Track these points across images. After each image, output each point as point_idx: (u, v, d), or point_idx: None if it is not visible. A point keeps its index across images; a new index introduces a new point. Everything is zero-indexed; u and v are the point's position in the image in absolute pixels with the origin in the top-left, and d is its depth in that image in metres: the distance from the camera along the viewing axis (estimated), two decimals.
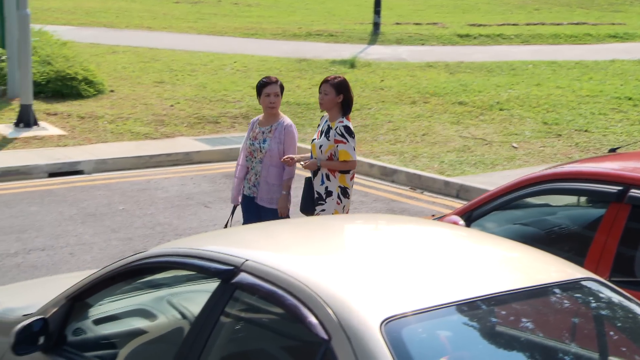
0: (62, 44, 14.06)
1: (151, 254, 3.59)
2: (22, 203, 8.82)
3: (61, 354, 3.60)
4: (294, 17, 22.77)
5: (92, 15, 20.66)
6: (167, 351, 3.41)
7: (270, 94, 6.42)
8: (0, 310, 4.06)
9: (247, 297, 3.19)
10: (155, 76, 14.51)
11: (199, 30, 19.74)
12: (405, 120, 12.64)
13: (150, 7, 22.99)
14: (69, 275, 5.32)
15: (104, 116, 12.04)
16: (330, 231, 3.97)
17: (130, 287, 3.88)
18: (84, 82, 12.90)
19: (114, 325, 3.86)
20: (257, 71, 15.19)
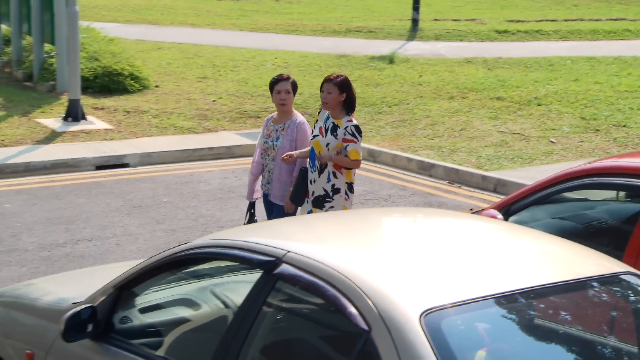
0: (109, 41, 14.19)
1: (195, 245, 3.61)
2: (71, 195, 8.94)
3: (109, 341, 3.65)
4: (334, 14, 22.74)
5: (138, 13, 20.83)
6: (211, 339, 3.44)
7: (281, 91, 6.32)
8: (51, 298, 4.12)
9: (289, 287, 3.20)
10: (199, 72, 14.59)
11: (241, 27, 19.81)
12: (443, 115, 12.57)
13: (194, 5, 23.12)
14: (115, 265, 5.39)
15: (149, 111, 12.14)
16: (370, 224, 3.97)
17: (175, 277, 3.91)
18: (130, 77, 13.02)
19: (159, 314, 3.89)
20: (297, 67, 15.20)
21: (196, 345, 3.62)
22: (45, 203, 8.63)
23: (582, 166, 5.07)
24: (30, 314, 4.10)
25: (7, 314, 4.26)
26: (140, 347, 3.59)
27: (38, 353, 3.90)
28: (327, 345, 3.22)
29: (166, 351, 3.58)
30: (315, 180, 6.17)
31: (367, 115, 12.61)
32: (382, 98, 13.39)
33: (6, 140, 10.42)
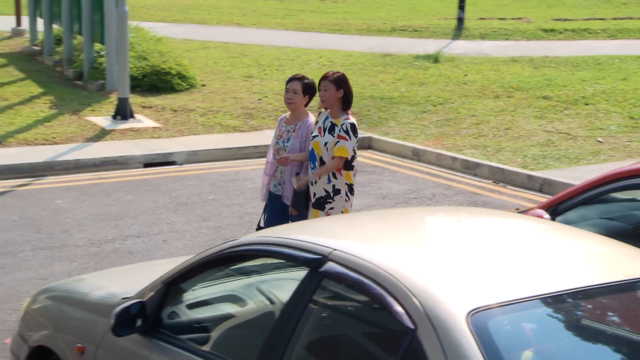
0: (157, 40, 14.33)
1: (242, 242, 3.64)
2: (119, 192, 9.06)
3: (157, 336, 3.69)
4: (379, 13, 22.68)
5: (186, 12, 21.02)
6: (257, 335, 3.46)
7: (289, 90, 6.22)
8: (101, 293, 4.18)
9: (334, 285, 3.21)
10: (245, 71, 14.67)
11: (287, 26, 19.86)
12: (488, 115, 12.46)
13: (240, 4, 23.25)
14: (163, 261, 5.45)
15: (195, 109, 12.24)
16: (414, 222, 3.96)
17: (222, 273, 3.94)
18: (177, 76, 13.14)
19: (206, 309, 3.93)
20: (342, 66, 15.19)
21: (242, 341, 3.64)
22: (94, 200, 8.76)
23: (630, 166, 4.99)
24: (81, 309, 4.17)
25: (58, 308, 4.33)
26: (187, 342, 3.63)
27: (88, 347, 3.96)
28: (372, 344, 3.22)
29: (213, 346, 3.61)
30: (316, 182, 6.07)
31: (412, 114, 12.56)
32: (426, 97, 13.32)
33: (57, 138, 10.60)
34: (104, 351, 3.87)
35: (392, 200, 9.12)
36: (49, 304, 4.42)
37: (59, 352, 4.14)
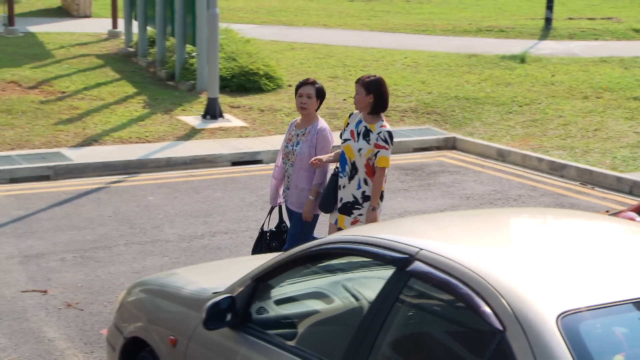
0: (246, 41, 14.51)
1: (329, 241, 3.66)
2: (208, 189, 9.22)
3: (246, 330, 3.74)
4: (465, 14, 22.42)
5: (273, 14, 21.22)
6: (343, 332, 3.47)
7: (303, 95, 6.06)
8: (193, 288, 4.26)
9: (421, 285, 3.19)
10: (330, 71, 14.73)
11: (372, 27, 19.84)
12: (576, 115, 12.17)
13: (326, 6, 23.33)
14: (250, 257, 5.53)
15: (281, 109, 12.35)
16: (501, 223, 3.90)
17: (309, 270, 3.97)
18: (264, 77, 13.28)
19: (294, 306, 3.96)
20: (427, 66, 15.09)
21: (329, 337, 3.66)
22: (184, 196, 8.94)
23: None
24: (174, 302, 4.26)
25: (152, 301, 4.44)
26: (275, 337, 3.67)
27: (181, 339, 4.04)
28: (458, 344, 3.19)
29: (300, 342, 3.64)
30: (345, 186, 5.89)
31: (497, 114, 12.38)
32: (512, 97, 13.10)
33: (150, 137, 10.86)
34: (195, 344, 3.95)
35: (477, 201, 9.01)
36: (143, 296, 4.53)
37: (152, 344, 4.24)
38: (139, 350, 4.39)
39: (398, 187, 9.50)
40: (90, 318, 6.04)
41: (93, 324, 5.96)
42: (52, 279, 6.69)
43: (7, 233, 7.66)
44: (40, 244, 7.42)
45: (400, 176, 9.93)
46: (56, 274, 6.78)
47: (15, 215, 8.12)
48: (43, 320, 6.00)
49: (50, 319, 6.02)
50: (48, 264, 6.97)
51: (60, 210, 8.33)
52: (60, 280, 6.66)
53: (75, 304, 6.24)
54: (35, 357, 5.51)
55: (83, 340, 5.73)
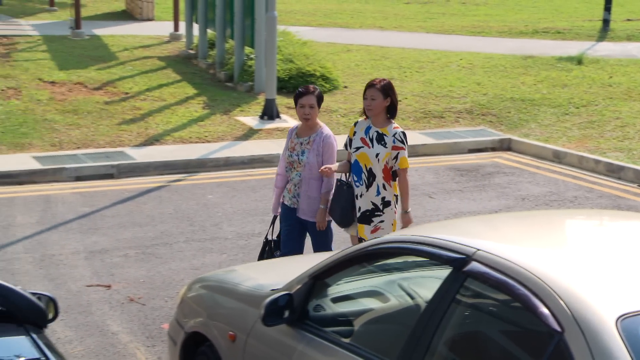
0: (303, 44, 14.56)
1: (386, 240, 3.66)
2: (265, 188, 9.27)
3: (303, 327, 3.76)
4: (521, 15, 22.13)
5: (330, 17, 21.25)
6: (399, 331, 3.46)
7: (305, 105, 5.81)
8: (251, 284, 4.29)
9: (478, 285, 3.17)
10: (385, 73, 14.68)
11: (427, 29, 19.72)
12: (634, 117, 11.91)
13: (382, 8, 23.27)
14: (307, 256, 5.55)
15: (337, 110, 12.37)
16: (558, 225, 3.85)
17: (365, 269, 3.97)
18: (321, 78, 13.31)
19: (350, 304, 3.96)
20: (482, 68, 14.94)
21: (385, 336, 3.65)
22: (242, 195, 9.01)
23: None
24: (233, 298, 4.30)
25: (211, 297, 4.49)
26: (332, 334, 3.68)
27: (239, 335, 4.08)
28: (514, 345, 3.15)
29: (356, 339, 3.64)
30: (363, 195, 5.71)
31: (553, 116, 12.19)
32: (569, 99, 12.88)
33: (209, 137, 10.98)
34: (254, 339, 3.98)
35: (532, 202, 8.89)
36: (203, 292, 4.59)
37: (212, 339, 4.28)
38: (199, 345, 4.44)
39: (453, 187, 9.43)
40: (151, 312, 6.14)
41: (154, 319, 6.05)
42: (116, 274, 6.81)
43: (74, 229, 7.83)
44: (104, 240, 7.56)
45: (455, 177, 9.85)
46: (119, 270, 6.90)
47: (81, 212, 8.30)
48: (107, 314, 6.11)
49: (113, 313, 6.14)
50: (112, 260, 7.10)
51: (123, 207, 8.48)
52: (123, 276, 6.78)
53: (138, 299, 6.35)
54: (100, 350, 5.61)
55: (145, 334, 5.82)
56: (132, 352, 5.61)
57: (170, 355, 4.79)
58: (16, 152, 9.92)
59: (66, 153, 9.97)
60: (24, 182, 9.15)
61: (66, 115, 11.37)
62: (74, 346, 5.64)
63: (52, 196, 8.79)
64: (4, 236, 7.56)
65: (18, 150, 9.98)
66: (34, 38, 16.21)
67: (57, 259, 7.09)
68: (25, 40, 15.98)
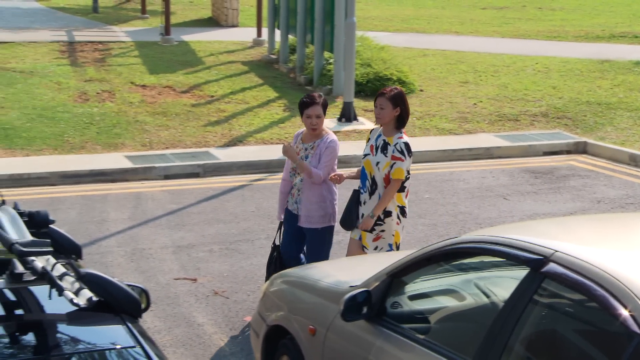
0: (380, 48, 14.53)
1: (463, 240, 3.62)
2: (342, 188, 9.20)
3: (381, 323, 3.76)
4: (598, 20, 21.56)
5: (407, 22, 21.14)
6: (475, 329, 3.43)
7: (312, 116, 5.60)
8: (331, 280, 4.31)
9: (555, 286, 3.11)
10: (461, 77, 14.53)
11: (503, 34, 19.41)
12: None
13: (458, 14, 23.02)
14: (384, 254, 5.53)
15: (413, 113, 12.29)
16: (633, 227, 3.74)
17: (442, 268, 3.94)
18: (397, 82, 13.24)
19: (427, 301, 3.95)
20: (558, 72, 14.62)
21: (461, 334, 3.62)
22: None
23: None
24: (313, 293, 4.33)
25: (292, 292, 4.53)
26: (409, 330, 3.67)
27: (319, 329, 4.10)
28: (591, 346, 3.08)
29: (433, 336, 3.61)
30: (366, 202, 5.57)
31: (630, 120, 11.83)
32: None
33: (289, 138, 11.05)
34: (333, 334, 4.00)
35: (608, 205, 8.65)
36: (285, 287, 4.63)
37: (293, 332, 4.32)
38: (280, 338, 4.48)
39: (527, 189, 9.26)
40: (235, 306, 6.23)
41: (237, 311, 6.14)
42: (201, 268, 6.94)
43: (162, 225, 8.01)
44: (190, 235, 7.71)
45: (530, 179, 9.67)
46: (204, 264, 7.03)
47: (169, 209, 8.48)
48: (193, 306, 6.23)
49: (199, 305, 6.25)
50: (197, 255, 7.24)
51: (208, 205, 8.62)
52: (208, 270, 6.90)
53: (222, 292, 6.45)
54: (186, 340, 5.73)
55: (229, 326, 5.91)
56: (216, 343, 5.70)
57: (253, 346, 4.85)
58: (110, 151, 10.20)
59: (156, 153, 10.20)
60: (116, 180, 9.41)
61: (156, 117, 11.63)
62: (162, 336, 5.77)
63: (143, 193, 9.01)
64: (99, 230, 7.79)
65: (112, 149, 10.27)
66: (127, 44, 16.65)
67: (147, 253, 7.27)
68: (119, 46, 16.43)
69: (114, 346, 2.62)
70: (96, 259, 7.03)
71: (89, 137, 10.60)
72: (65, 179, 9.27)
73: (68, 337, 2.67)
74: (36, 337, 2.67)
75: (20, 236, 2.80)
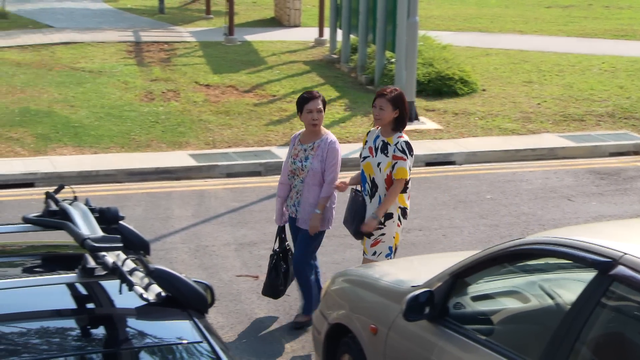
0: (443, 48, 14.41)
1: (528, 242, 3.57)
2: None
3: (443, 324, 3.73)
4: None
5: (469, 21, 20.90)
6: (540, 332, 3.38)
7: (313, 110, 5.49)
8: (392, 280, 4.30)
9: (624, 289, 3.04)
10: (524, 76, 14.30)
11: (568, 33, 19.03)
12: None
13: (522, 12, 22.65)
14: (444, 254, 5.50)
15: (475, 113, 12.17)
16: None
17: (505, 269, 3.89)
18: (459, 81, 13.13)
19: (490, 302, 3.90)
20: (626, 71, 14.26)
21: (525, 335, 3.57)
22: None
23: None
24: (374, 293, 4.32)
25: (354, 291, 4.53)
26: (472, 331, 3.63)
27: (381, 328, 4.09)
28: None
29: (496, 338, 3.57)
30: (367, 206, 5.43)
31: None
32: None
33: (350, 137, 11.07)
34: (395, 333, 3.99)
35: None
36: (346, 286, 4.63)
37: (354, 331, 4.32)
38: (342, 336, 4.49)
39: (593, 191, 9.07)
40: (296, 303, 6.25)
41: (298, 309, 6.16)
42: (263, 266, 6.98)
43: (225, 222, 8.11)
44: (252, 233, 7.78)
45: (595, 180, 9.47)
46: (266, 262, 7.02)
47: (231, 207, 8.57)
48: (255, 303, 6.29)
49: (260, 302, 6.30)
50: (259, 252, 7.30)
51: (269, 203, 8.68)
52: None
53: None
54: (248, 336, 5.79)
55: (290, 324, 5.95)
56: (278, 340, 5.75)
57: (315, 344, 4.87)
58: (174, 149, 10.36)
59: (219, 151, 10.32)
60: (180, 178, 9.56)
61: (219, 116, 11.77)
62: (225, 332, 5.84)
63: (206, 191, 9.13)
64: (163, 227, 7.92)
65: (176, 148, 10.43)
66: (191, 44, 16.88)
67: (210, 250, 7.36)
68: (183, 46, 16.68)
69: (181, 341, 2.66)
70: (161, 255, 7.16)
71: (155, 136, 10.79)
72: (131, 177, 9.46)
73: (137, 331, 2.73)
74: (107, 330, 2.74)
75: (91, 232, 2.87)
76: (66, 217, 3.02)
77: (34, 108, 11.40)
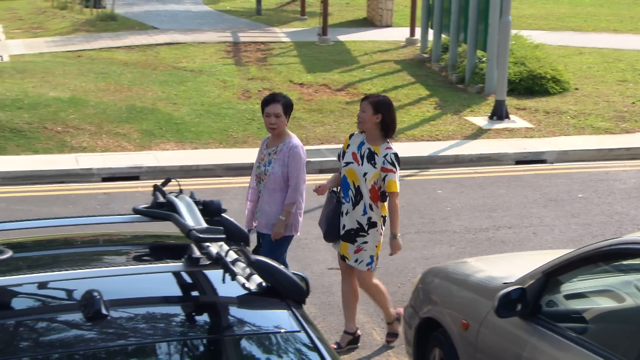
0: (535, 47, 14.09)
1: (625, 241, 3.46)
2: (493, 186, 9.10)
3: (536, 321, 3.65)
4: None
5: (562, 21, 20.32)
6: (636, 332, 3.26)
7: (270, 115, 5.21)
8: (483, 276, 4.24)
9: None
10: (619, 75, 13.81)
11: None
12: None
13: (617, 11, 21.85)
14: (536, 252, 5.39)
15: (567, 112, 11.84)
16: None
17: (599, 269, 3.78)
18: (551, 80, 12.81)
19: (584, 301, 3.79)
20: None
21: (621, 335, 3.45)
22: (470, 192, 8.90)
23: None
24: (465, 288, 4.27)
25: (444, 287, 4.49)
26: (565, 330, 3.54)
27: (472, 324, 4.04)
28: None
29: (591, 337, 3.47)
30: (349, 212, 5.18)
31: None
32: None
33: (440, 135, 10.96)
34: (486, 329, 3.93)
35: None
36: (437, 282, 4.59)
37: (445, 325, 4.28)
38: (432, 330, 4.46)
39: None
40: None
41: None
42: None
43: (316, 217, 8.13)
44: None
45: None
46: None
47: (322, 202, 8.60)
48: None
49: None
50: None
51: None
52: None
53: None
54: (340, 328, 5.80)
55: (380, 316, 5.93)
56: (368, 332, 5.75)
57: (405, 337, 4.85)
58: None
59: (311, 148, 10.38)
60: None
61: (312, 113, 11.85)
62: (317, 322, 5.88)
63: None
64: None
65: None
66: (286, 44, 17.06)
67: (303, 243, 7.42)
68: (279, 46, 16.87)
69: (279, 330, 2.70)
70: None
71: (251, 132, 10.96)
72: (229, 171, 9.65)
73: (238, 320, 2.78)
74: (210, 317, 2.80)
75: (196, 223, 2.94)
76: (173, 209, 3.09)
77: (140, 105, 11.77)
